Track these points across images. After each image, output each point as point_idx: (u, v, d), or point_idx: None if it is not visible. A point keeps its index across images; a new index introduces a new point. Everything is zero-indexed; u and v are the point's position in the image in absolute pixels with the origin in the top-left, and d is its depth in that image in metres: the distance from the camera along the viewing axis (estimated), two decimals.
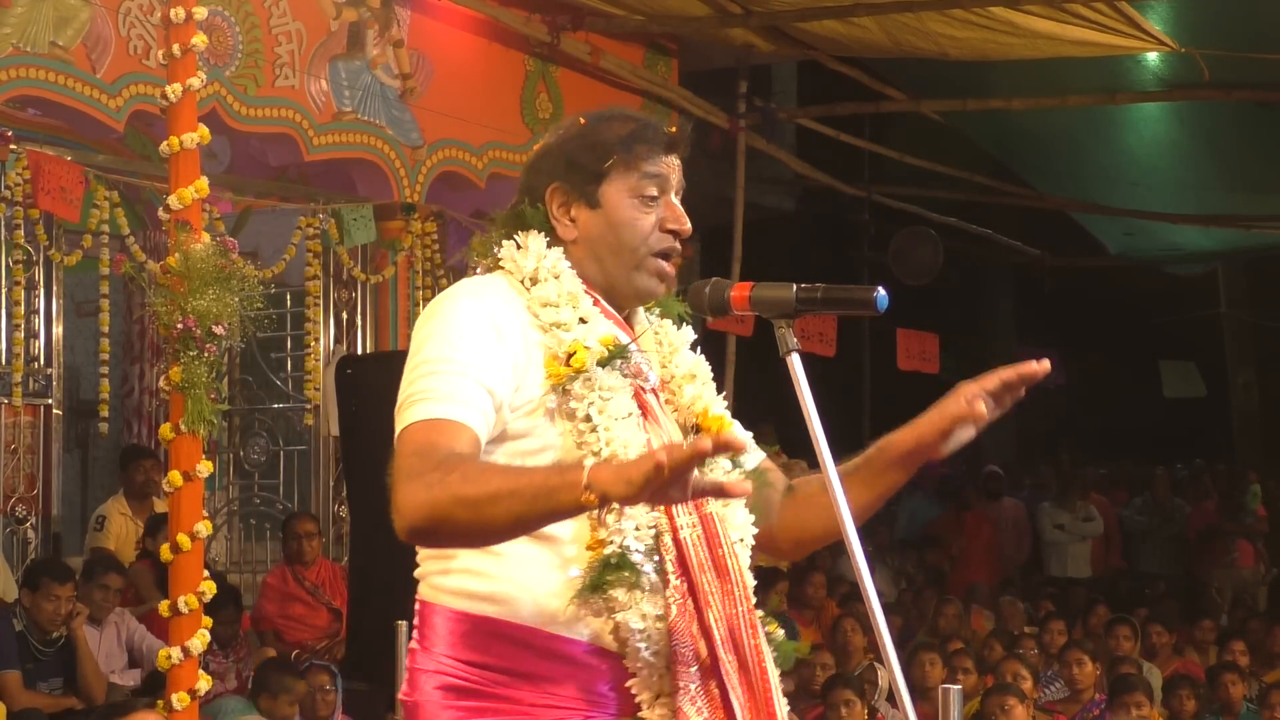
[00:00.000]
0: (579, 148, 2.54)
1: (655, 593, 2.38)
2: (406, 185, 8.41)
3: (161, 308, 5.14)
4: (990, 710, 6.47)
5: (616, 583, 2.35)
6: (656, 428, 2.47)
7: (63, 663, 6.61)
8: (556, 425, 2.41)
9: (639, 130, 2.54)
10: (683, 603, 2.39)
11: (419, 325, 2.47)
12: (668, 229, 2.53)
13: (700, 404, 2.61)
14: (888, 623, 2.32)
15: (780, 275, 2.54)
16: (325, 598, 7.84)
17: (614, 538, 2.36)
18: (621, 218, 2.52)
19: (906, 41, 9.07)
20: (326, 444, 8.85)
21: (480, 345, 2.37)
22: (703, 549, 2.44)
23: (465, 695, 2.39)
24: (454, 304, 2.44)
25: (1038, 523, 12.44)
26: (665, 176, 2.55)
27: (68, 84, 6.75)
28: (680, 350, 2.66)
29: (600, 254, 2.53)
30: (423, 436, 2.31)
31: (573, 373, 2.40)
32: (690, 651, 2.37)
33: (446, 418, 2.32)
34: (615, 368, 2.44)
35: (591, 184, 2.52)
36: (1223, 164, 12.18)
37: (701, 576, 2.41)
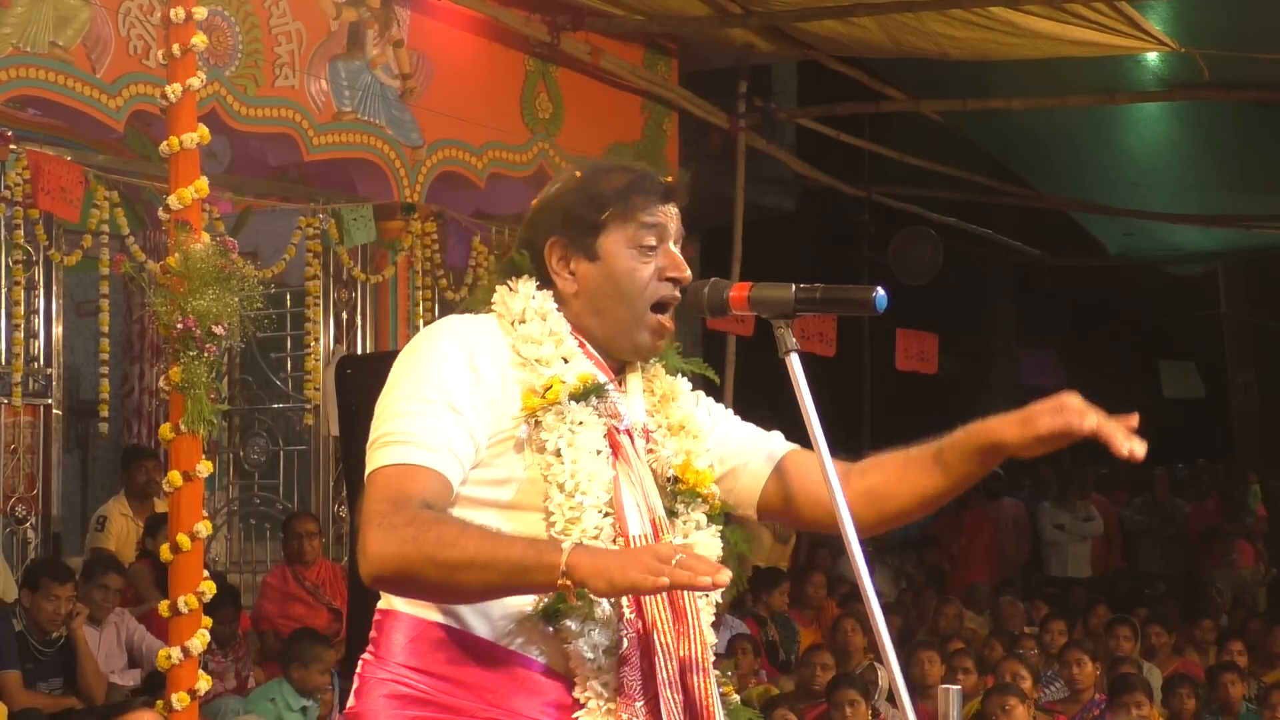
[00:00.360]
0: (576, 201, 2.54)
1: (608, 625, 2.40)
2: (406, 185, 8.41)
3: (161, 308, 5.14)
4: (991, 710, 6.47)
5: (569, 612, 2.38)
6: (626, 467, 2.47)
7: (63, 663, 6.61)
8: (524, 457, 2.42)
9: (635, 181, 2.54)
10: (635, 637, 2.41)
11: (399, 360, 2.48)
12: (667, 277, 2.53)
13: (681, 457, 2.60)
14: (887, 623, 2.32)
15: (780, 275, 2.54)
16: (325, 598, 7.84)
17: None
18: (620, 268, 2.52)
19: (906, 41, 9.07)
20: (326, 444, 8.85)
21: (456, 385, 2.39)
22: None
23: (413, 704, 2.41)
24: (433, 343, 2.45)
25: (1038, 523, 12.45)
26: (663, 225, 2.54)
27: (68, 84, 6.74)
28: (673, 401, 2.65)
29: (600, 307, 2.53)
30: (396, 483, 2.32)
31: (546, 404, 2.41)
32: (638, 686, 2.39)
33: (419, 464, 2.33)
34: (590, 404, 2.44)
35: (589, 236, 2.52)
36: (1223, 164, 12.18)
37: (657, 613, 2.43)
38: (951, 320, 14.92)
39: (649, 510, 2.48)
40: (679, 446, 2.61)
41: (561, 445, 2.40)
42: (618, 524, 2.42)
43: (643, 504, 2.47)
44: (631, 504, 2.45)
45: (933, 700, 5.92)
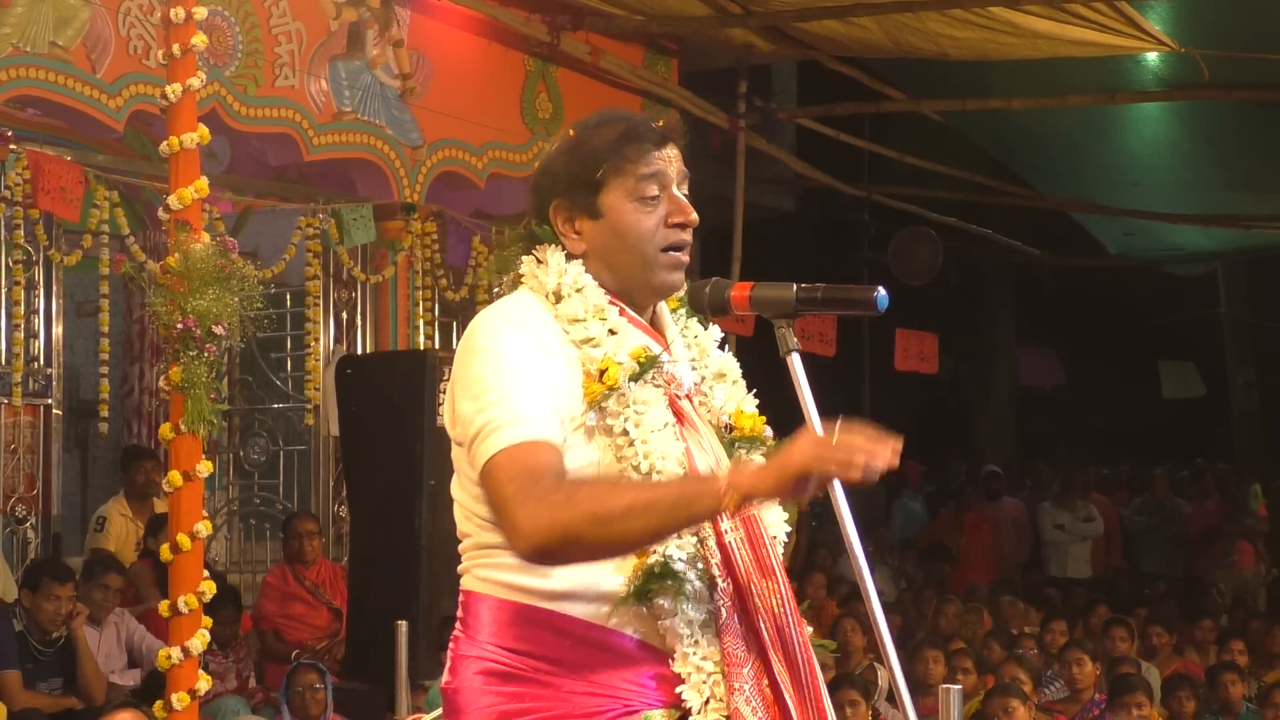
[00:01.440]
0: (571, 161, 2.53)
1: (700, 599, 2.41)
2: (406, 185, 8.41)
3: (161, 308, 5.14)
4: (992, 711, 6.46)
5: (660, 591, 2.38)
6: (694, 433, 2.49)
7: (63, 663, 6.61)
8: (596, 442, 2.42)
9: (627, 131, 2.52)
10: (731, 605, 2.42)
11: (462, 357, 2.46)
12: (673, 223, 2.52)
13: (732, 404, 2.62)
14: (887, 623, 2.32)
15: (780, 275, 2.54)
16: (325, 597, 7.84)
17: (656, 546, 2.38)
18: (624, 222, 2.51)
19: (906, 41, 9.07)
20: (326, 444, 8.85)
21: (536, 366, 2.39)
22: (746, 550, 2.46)
23: (507, 680, 2.42)
24: (496, 332, 2.44)
25: (1038, 523, 12.44)
26: (663, 171, 2.52)
27: (68, 84, 6.74)
28: (709, 350, 2.66)
29: (611, 262, 2.53)
30: (520, 461, 2.32)
31: (606, 390, 2.41)
32: (742, 652, 2.41)
33: (533, 439, 2.34)
34: (648, 380, 2.45)
35: (590, 195, 2.51)
36: (1223, 164, 12.18)
37: (748, 577, 2.44)
38: (951, 320, 14.93)
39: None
40: (727, 395, 2.63)
41: (630, 428, 2.41)
42: None
43: (717, 469, 2.48)
44: (707, 471, 2.46)
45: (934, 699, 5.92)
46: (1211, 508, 13.61)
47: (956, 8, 8.32)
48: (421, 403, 6.84)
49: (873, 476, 2.18)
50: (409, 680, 5.68)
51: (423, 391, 6.85)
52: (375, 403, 7.05)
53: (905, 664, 7.14)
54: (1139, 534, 13.32)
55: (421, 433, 6.69)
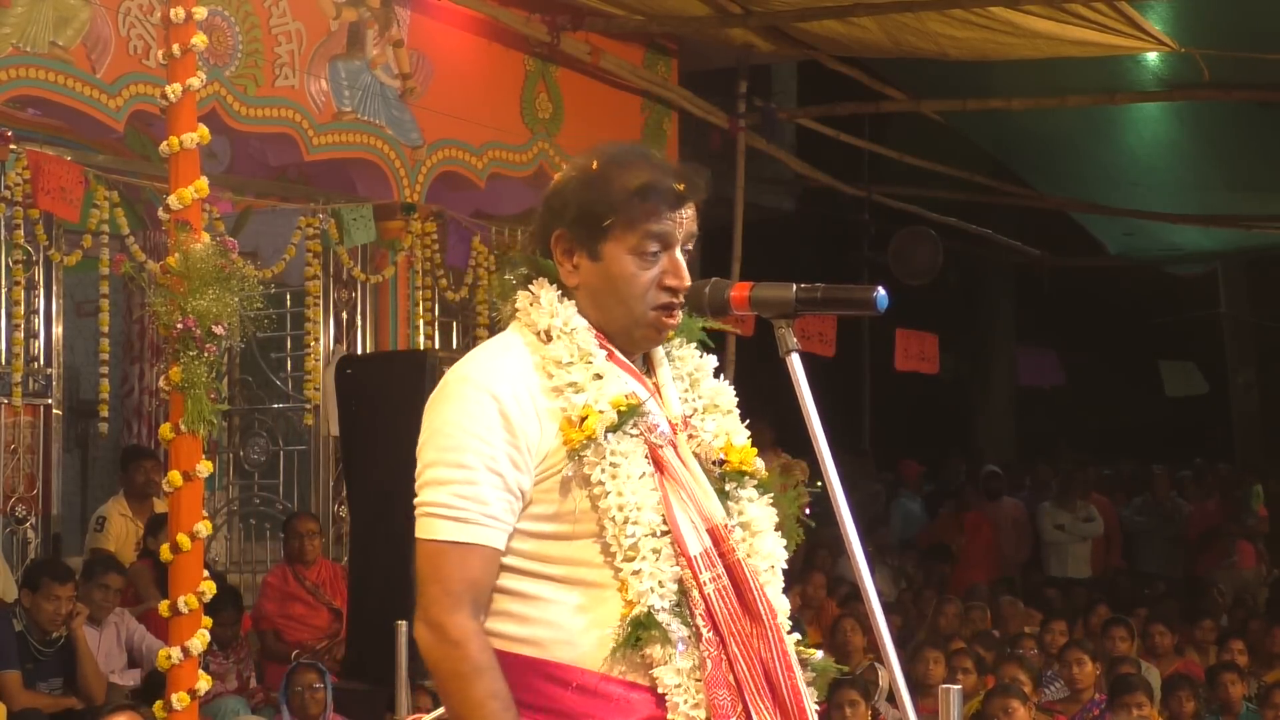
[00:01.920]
0: (585, 197, 2.52)
1: (690, 646, 2.43)
2: (406, 185, 8.41)
3: (161, 308, 5.14)
4: (992, 711, 6.46)
5: (648, 640, 2.41)
6: (674, 484, 2.49)
7: (63, 663, 6.61)
8: (573, 491, 2.45)
9: (646, 187, 2.50)
10: (716, 655, 2.43)
11: (429, 410, 2.51)
12: (666, 284, 2.52)
13: (723, 438, 2.62)
14: (887, 623, 2.32)
15: (780, 275, 2.54)
16: (326, 598, 7.84)
17: (639, 598, 2.41)
18: (619, 272, 2.51)
19: (906, 41, 9.07)
20: (326, 444, 8.85)
21: (490, 443, 2.42)
22: (730, 597, 2.48)
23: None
24: (460, 396, 2.47)
25: (1038, 523, 12.44)
26: (670, 232, 2.52)
27: (68, 84, 6.74)
28: (701, 382, 2.66)
29: (600, 305, 2.54)
30: (444, 565, 2.42)
31: (584, 439, 2.43)
32: (728, 703, 2.42)
33: (466, 542, 2.41)
34: (627, 430, 2.46)
35: (594, 237, 2.51)
36: (1223, 164, 12.18)
37: (731, 626, 2.46)
38: (951, 320, 14.93)
39: (704, 520, 2.50)
40: (718, 427, 2.63)
41: (605, 479, 2.43)
42: (675, 544, 2.45)
43: (697, 518, 2.49)
44: (685, 522, 2.47)
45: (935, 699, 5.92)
46: (1212, 508, 13.61)
47: (956, 8, 8.32)
48: (421, 403, 6.79)
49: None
50: (409, 680, 5.67)
51: (423, 391, 6.78)
52: (375, 403, 7.04)
53: (905, 664, 7.15)
54: (1139, 534, 13.32)
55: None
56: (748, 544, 2.56)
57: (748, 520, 2.58)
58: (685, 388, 2.64)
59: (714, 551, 2.48)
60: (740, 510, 2.59)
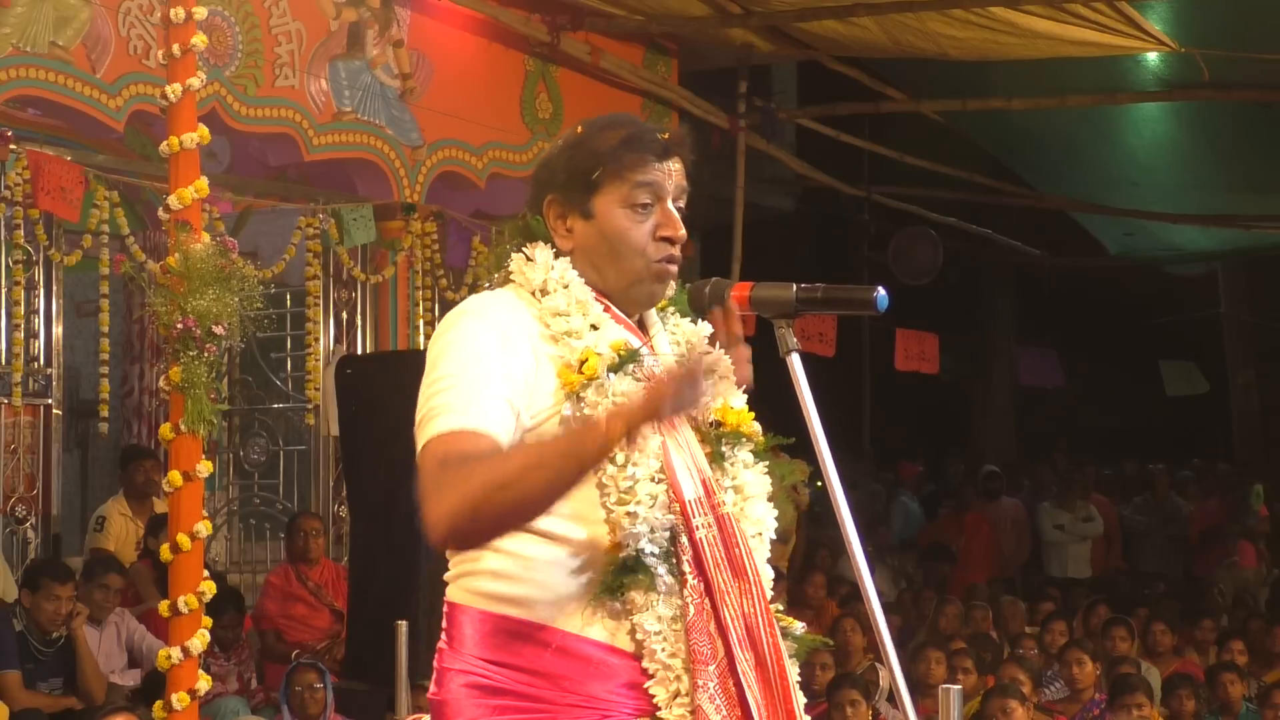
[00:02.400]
0: (572, 159, 2.54)
1: (671, 594, 2.42)
2: (406, 185, 8.41)
3: (161, 308, 5.14)
4: (990, 712, 6.46)
5: (632, 585, 2.40)
6: (670, 430, 2.48)
7: (63, 663, 6.61)
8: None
9: (629, 138, 2.52)
10: (700, 602, 2.42)
11: (430, 346, 2.49)
12: (661, 235, 2.52)
13: (719, 400, 2.60)
14: (887, 623, 2.32)
15: (780, 275, 2.54)
16: (328, 599, 7.83)
17: (629, 541, 2.40)
18: (614, 227, 2.51)
19: (906, 41, 9.07)
20: (326, 444, 8.85)
21: (490, 356, 2.39)
22: (718, 548, 2.47)
23: (491, 694, 2.43)
24: (459, 322, 2.46)
25: (1037, 523, 12.44)
26: (659, 183, 2.52)
27: (68, 84, 6.74)
28: (697, 346, 2.65)
29: (597, 263, 2.54)
30: (443, 448, 2.32)
31: (585, 380, 2.41)
32: (708, 650, 2.41)
33: (464, 428, 2.33)
34: (627, 372, 2.45)
35: (584, 195, 2.52)
36: (1223, 164, 12.17)
37: (718, 575, 2.45)
38: (951, 320, 14.92)
39: (698, 470, 2.50)
40: (713, 391, 2.59)
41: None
42: (671, 489, 2.44)
43: (691, 465, 2.49)
44: (682, 467, 2.47)
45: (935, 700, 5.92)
46: (1212, 508, 13.61)
47: (956, 8, 8.32)
48: None
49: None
50: (409, 680, 5.67)
51: None
52: (375, 403, 7.04)
53: (906, 664, 7.15)
54: (1139, 534, 13.32)
55: None
56: (737, 508, 2.55)
57: (740, 484, 2.57)
58: (681, 352, 2.64)
59: (705, 501, 2.47)
60: (734, 474, 2.58)
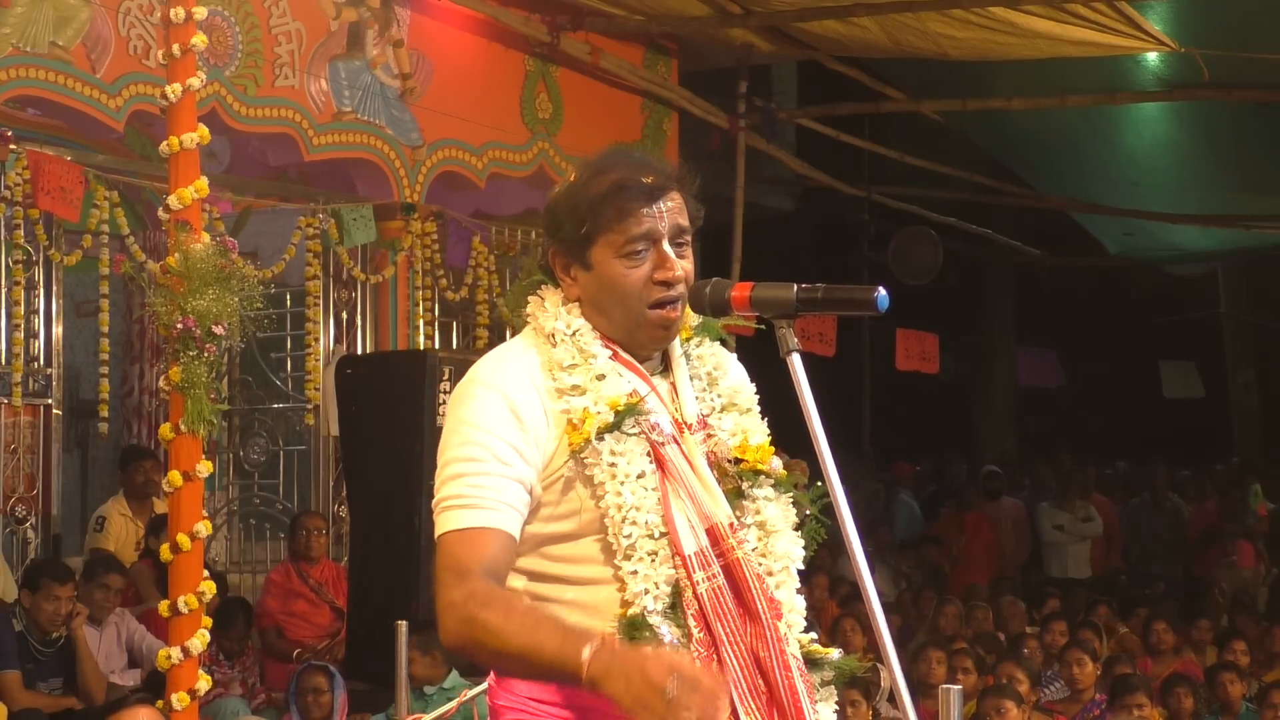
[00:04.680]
0: (562, 212, 2.56)
1: (680, 648, 2.43)
2: (406, 185, 8.41)
3: (161, 308, 5.14)
4: (985, 712, 6.46)
5: (645, 637, 2.42)
6: (674, 482, 2.50)
7: (63, 663, 6.61)
8: (577, 491, 2.48)
9: (613, 190, 2.51)
10: (705, 655, 2.44)
11: (448, 409, 2.55)
12: (657, 279, 2.52)
13: (739, 436, 2.62)
14: (887, 623, 2.32)
15: (780, 275, 2.54)
16: (329, 596, 7.84)
17: (635, 599, 2.44)
18: (610, 276, 2.52)
19: (906, 41, 9.07)
20: (326, 444, 8.85)
21: (500, 437, 2.45)
22: (725, 597, 2.48)
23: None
24: (472, 393, 2.50)
25: (1037, 523, 12.43)
26: (651, 228, 2.51)
27: (68, 84, 6.74)
28: (720, 381, 2.67)
29: (602, 310, 2.56)
30: (458, 550, 2.41)
31: (583, 441, 2.46)
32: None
33: (478, 526, 2.41)
34: (627, 429, 2.48)
35: (581, 247, 2.54)
36: (1223, 164, 12.17)
37: (725, 625, 2.47)
38: (951, 320, 14.92)
39: (703, 519, 2.50)
40: (735, 426, 2.63)
41: (605, 479, 2.46)
42: (672, 544, 2.46)
43: (695, 517, 2.50)
44: (682, 520, 2.48)
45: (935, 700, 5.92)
46: (1211, 508, 13.60)
47: (956, 8, 8.32)
48: (421, 403, 6.84)
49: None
50: (409, 680, 5.68)
51: (423, 391, 6.85)
52: (375, 403, 7.05)
53: (908, 664, 7.15)
54: (1139, 534, 13.31)
55: (421, 433, 6.69)
56: (762, 544, 2.57)
57: (763, 519, 2.59)
58: (704, 386, 2.65)
59: (710, 551, 2.49)
60: (757, 509, 2.59)
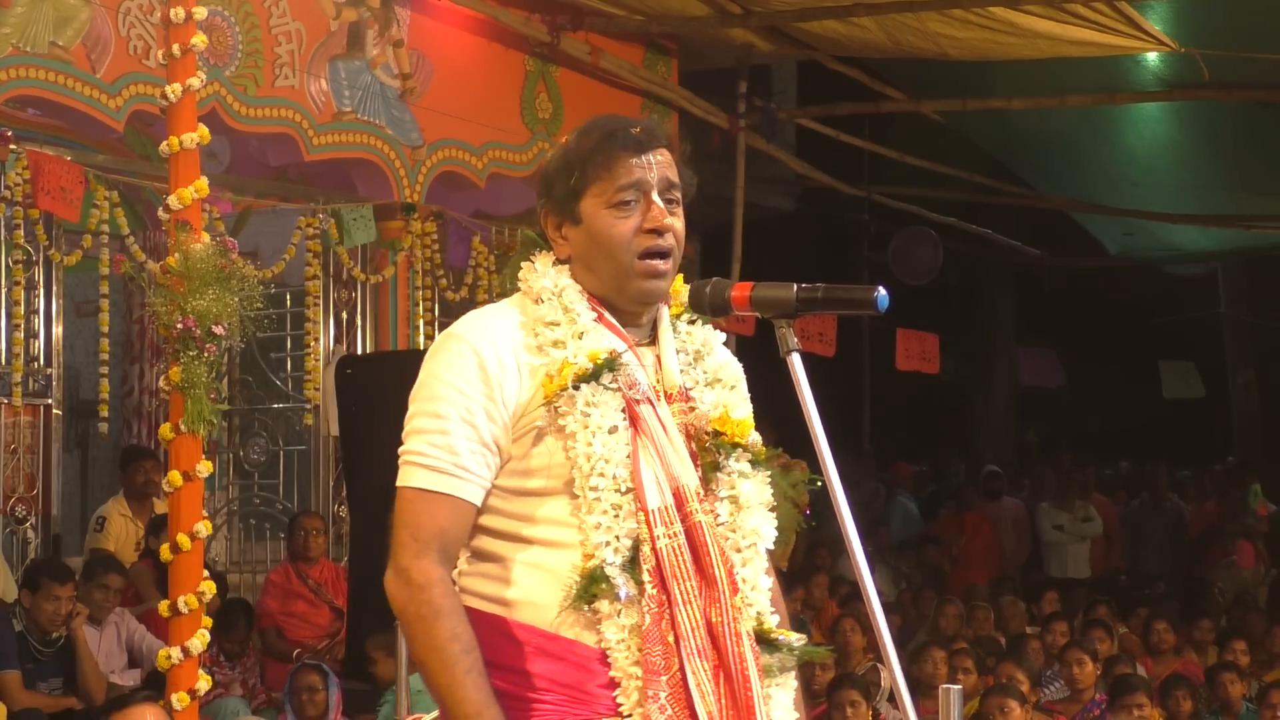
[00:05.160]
0: (555, 168, 2.60)
1: (633, 604, 2.46)
2: (406, 185, 8.40)
3: (161, 308, 5.14)
4: (988, 711, 6.47)
5: (599, 594, 2.44)
6: (646, 439, 2.52)
7: (63, 663, 6.61)
8: (546, 444, 2.50)
9: (605, 138, 2.55)
10: (657, 612, 2.46)
11: (425, 360, 2.60)
12: (646, 228, 2.54)
13: (721, 410, 2.62)
14: (887, 623, 2.32)
15: (780, 275, 2.54)
16: (328, 596, 7.85)
17: (595, 551, 2.45)
18: (599, 228, 2.55)
19: (906, 41, 9.07)
20: (326, 444, 8.84)
21: (470, 393, 2.49)
22: (684, 556, 2.49)
23: (498, 696, 2.49)
24: (447, 346, 2.55)
25: (1036, 523, 12.44)
26: (640, 179, 2.54)
27: (68, 84, 6.74)
28: (707, 356, 2.68)
29: (592, 266, 2.58)
30: (417, 510, 2.49)
31: (559, 390, 2.47)
32: (661, 660, 2.44)
33: (440, 492, 2.48)
34: (604, 383, 2.49)
35: (571, 201, 2.57)
36: (1223, 164, 12.17)
37: (680, 585, 2.47)
38: (951, 320, 14.93)
39: (670, 480, 2.52)
40: (716, 399, 2.64)
41: (577, 429, 2.47)
42: (636, 499, 2.48)
43: (662, 475, 2.51)
44: (650, 477, 2.50)
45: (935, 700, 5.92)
46: (1211, 508, 13.61)
47: (956, 8, 8.32)
48: None
49: None
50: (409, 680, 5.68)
51: None
52: (375, 403, 7.02)
53: (909, 664, 7.15)
54: (1139, 534, 13.32)
55: None
56: (733, 518, 2.58)
57: (736, 494, 2.59)
58: (690, 361, 2.66)
59: (674, 509, 2.50)
60: (731, 484, 2.60)
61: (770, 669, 2.58)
